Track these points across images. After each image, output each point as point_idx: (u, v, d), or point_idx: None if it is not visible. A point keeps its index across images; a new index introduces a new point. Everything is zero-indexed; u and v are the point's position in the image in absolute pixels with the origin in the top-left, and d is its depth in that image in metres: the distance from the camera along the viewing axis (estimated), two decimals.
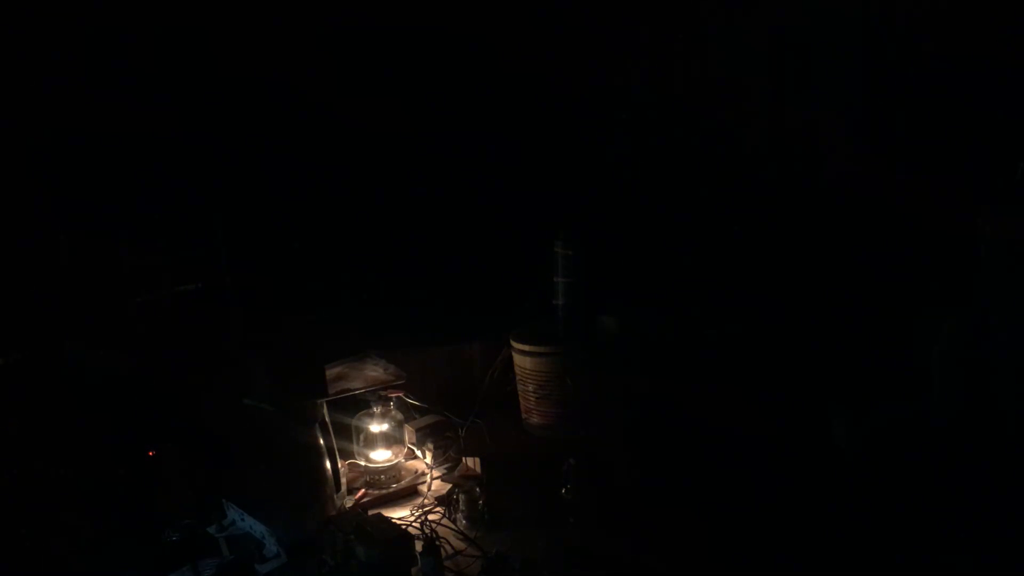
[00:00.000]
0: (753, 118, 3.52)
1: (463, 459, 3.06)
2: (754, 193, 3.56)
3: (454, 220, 3.75)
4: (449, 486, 2.88)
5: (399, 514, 2.83)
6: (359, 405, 3.06)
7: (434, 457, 3.11)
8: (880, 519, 2.39)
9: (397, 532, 2.49)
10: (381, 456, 3.03)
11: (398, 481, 3.01)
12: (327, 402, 2.89)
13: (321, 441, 2.82)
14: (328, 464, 2.83)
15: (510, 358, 3.12)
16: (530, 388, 3.03)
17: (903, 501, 2.47)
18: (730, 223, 3.53)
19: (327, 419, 2.89)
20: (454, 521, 2.73)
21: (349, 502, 2.90)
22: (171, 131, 3.25)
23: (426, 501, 2.91)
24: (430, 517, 2.76)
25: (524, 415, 3.11)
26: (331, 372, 2.99)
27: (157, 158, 3.24)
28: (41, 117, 3.04)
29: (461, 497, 2.73)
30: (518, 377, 3.09)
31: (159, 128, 3.24)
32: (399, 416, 3.09)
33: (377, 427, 3.04)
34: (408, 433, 3.15)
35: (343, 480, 2.93)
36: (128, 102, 3.18)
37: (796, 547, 2.33)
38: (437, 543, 2.45)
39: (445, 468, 3.12)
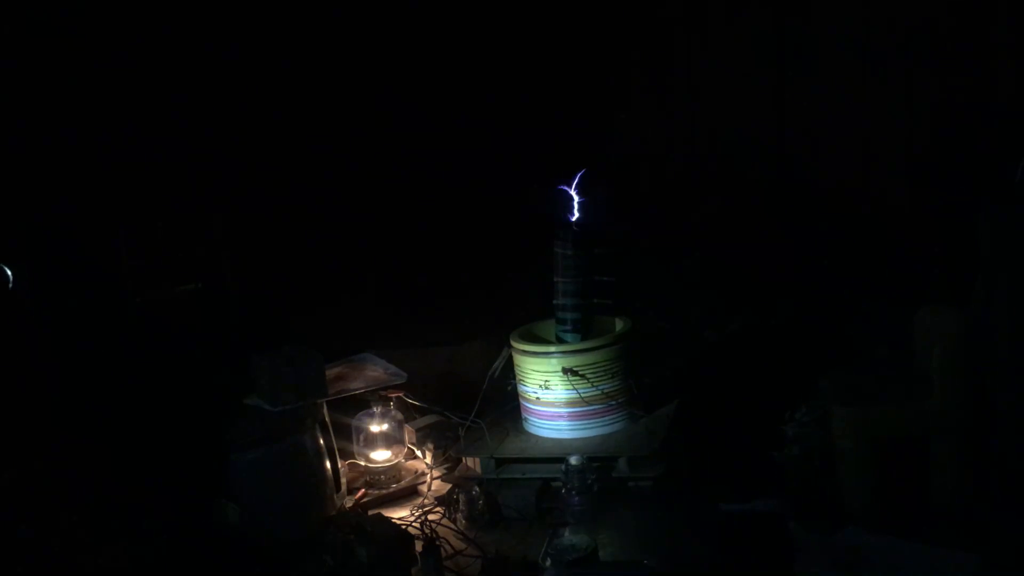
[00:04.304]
0: (756, 114, 3.52)
1: (463, 459, 3.06)
2: (753, 191, 3.56)
3: (454, 220, 3.75)
4: (449, 486, 2.88)
5: (399, 514, 2.83)
6: (359, 405, 3.06)
7: (434, 457, 3.11)
8: (880, 519, 2.39)
9: (397, 532, 2.49)
10: (381, 456, 3.03)
11: (398, 481, 3.01)
12: (327, 402, 2.89)
13: (321, 441, 2.82)
14: (328, 464, 2.83)
15: (510, 358, 3.12)
16: (530, 388, 3.03)
17: (903, 501, 2.47)
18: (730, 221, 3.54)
19: (327, 419, 2.89)
20: (454, 521, 2.73)
21: (349, 502, 2.90)
22: (172, 130, 3.25)
23: (426, 501, 2.91)
24: (430, 517, 2.76)
25: (524, 415, 3.10)
26: (331, 372, 2.99)
27: (157, 158, 3.25)
28: (42, 116, 3.04)
29: (461, 497, 2.72)
30: (518, 377, 3.09)
31: (160, 128, 3.24)
32: (399, 416, 3.09)
33: (377, 427, 3.04)
34: (408, 433, 3.15)
35: (343, 480, 2.93)
36: (129, 101, 3.18)
37: (794, 547, 2.33)
38: (437, 543, 2.45)
39: (445, 468, 3.12)
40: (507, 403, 3.18)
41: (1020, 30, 3.00)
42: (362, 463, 3.05)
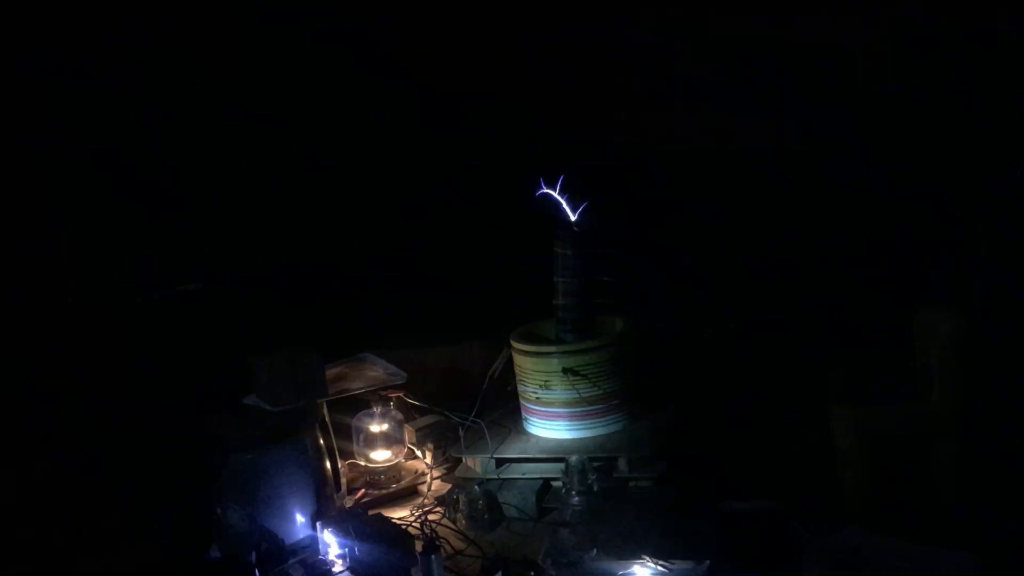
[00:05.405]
0: (753, 114, 3.53)
1: (463, 459, 3.06)
2: (753, 191, 3.56)
3: (454, 220, 3.75)
4: (449, 486, 2.88)
5: (399, 514, 2.83)
6: (359, 405, 3.06)
7: (434, 457, 3.11)
8: (880, 519, 2.39)
9: (397, 532, 2.49)
10: (381, 456, 3.04)
11: (398, 481, 3.02)
12: (327, 402, 2.89)
13: (321, 441, 2.82)
14: (328, 464, 2.83)
15: (510, 358, 3.12)
16: (530, 388, 3.03)
17: (903, 501, 2.47)
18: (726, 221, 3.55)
19: (327, 419, 2.89)
20: (454, 521, 2.73)
21: (349, 502, 2.90)
22: (172, 130, 3.26)
23: (426, 501, 2.91)
24: (430, 517, 2.76)
25: (524, 415, 3.10)
26: (331, 372, 2.99)
27: (158, 157, 3.25)
28: (44, 119, 3.04)
29: (461, 497, 2.72)
30: (518, 377, 3.09)
31: (160, 128, 3.25)
32: (399, 416, 3.09)
33: (377, 427, 3.04)
34: (408, 433, 3.15)
35: (343, 480, 2.93)
36: (130, 104, 3.18)
37: (794, 547, 2.33)
38: (437, 543, 2.45)
39: (445, 468, 3.12)
40: (507, 403, 3.18)
41: (1021, 29, 3.00)
42: (362, 463, 3.05)
